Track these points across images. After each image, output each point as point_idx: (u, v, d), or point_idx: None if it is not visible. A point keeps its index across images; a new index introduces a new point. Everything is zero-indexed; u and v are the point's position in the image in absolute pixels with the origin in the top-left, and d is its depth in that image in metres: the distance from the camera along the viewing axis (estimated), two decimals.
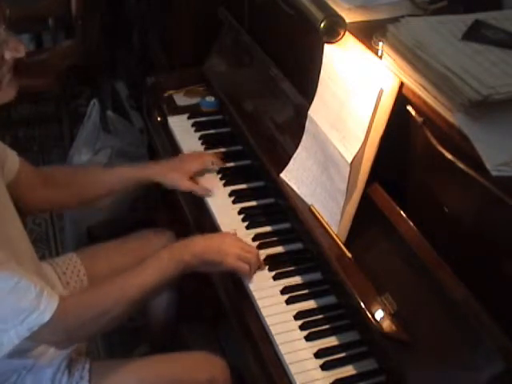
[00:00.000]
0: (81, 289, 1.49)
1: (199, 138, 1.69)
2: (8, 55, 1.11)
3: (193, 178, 1.54)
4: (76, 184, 1.52)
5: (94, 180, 1.54)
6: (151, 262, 1.24)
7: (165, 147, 1.73)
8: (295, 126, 1.39)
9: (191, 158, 1.57)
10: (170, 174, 1.52)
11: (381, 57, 1.12)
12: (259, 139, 1.51)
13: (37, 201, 1.45)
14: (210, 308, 1.90)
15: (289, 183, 1.37)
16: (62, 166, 1.72)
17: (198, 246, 1.27)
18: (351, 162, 1.15)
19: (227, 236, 1.33)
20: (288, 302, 1.24)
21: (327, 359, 1.14)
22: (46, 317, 1.10)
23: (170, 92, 1.85)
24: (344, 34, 1.17)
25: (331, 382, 1.11)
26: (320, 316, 1.22)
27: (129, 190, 1.59)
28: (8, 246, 1.16)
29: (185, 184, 1.52)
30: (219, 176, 1.57)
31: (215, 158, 1.59)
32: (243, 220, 1.44)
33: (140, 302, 1.24)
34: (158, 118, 1.80)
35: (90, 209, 2.15)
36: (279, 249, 1.37)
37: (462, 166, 0.96)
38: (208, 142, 1.67)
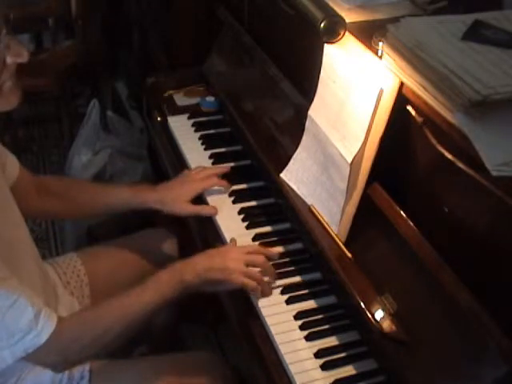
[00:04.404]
0: (81, 289, 1.49)
1: (199, 138, 1.69)
2: (10, 60, 1.07)
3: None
4: (71, 199, 1.48)
5: (90, 198, 1.49)
6: (150, 283, 1.20)
7: (165, 147, 1.73)
8: (295, 126, 1.39)
9: (192, 180, 1.49)
10: (170, 202, 1.45)
11: (381, 57, 1.12)
12: (259, 139, 1.51)
13: (33, 208, 1.42)
14: (210, 308, 1.90)
15: (289, 183, 1.37)
16: (59, 178, 1.69)
17: (200, 265, 1.22)
18: (351, 162, 1.15)
19: (230, 251, 1.28)
20: (288, 302, 1.24)
21: (327, 359, 1.14)
22: (43, 338, 1.08)
23: (170, 92, 1.85)
24: (344, 34, 1.17)
25: (331, 382, 1.11)
26: (320, 316, 1.22)
27: (125, 211, 1.53)
28: (10, 253, 1.15)
29: (184, 209, 1.45)
30: (219, 176, 1.56)
31: (220, 181, 1.51)
32: (243, 220, 1.44)
33: (139, 323, 1.20)
34: (158, 118, 1.80)
35: None
36: (279, 249, 1.36)
37: (461, 165, 0.96)
38: (208, 142, 1.67)
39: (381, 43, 1.11)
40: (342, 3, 1.27)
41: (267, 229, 1.42)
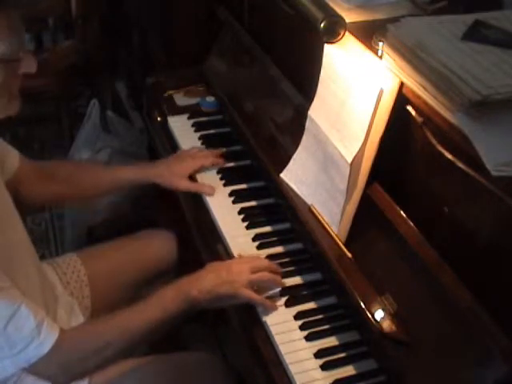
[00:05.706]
0: (81, 289, 1.49)
1: (199, 138, 1.69)
2: (20, 71, 1.12)
3: (192, 176, 1.54)
4: (75, 180, 1.51)
5: (94, 178, 1.53)
6: (154, 299, 1.19)
7: (165, 147, 1.73)
8: (295, 126, 1.39)
9: (190, 157, 1.56)
10: (168, 175, 1.51)
11: (381, 57, 1.12)
12: (259, 139, 1.51)
13: (34, 195, 1.44)
14: (211, 309, 1.90)
15: (289, 183, 1.37)
16: (62, 161, 1.75)
17: (207, 281, 1.20)
18: (351, 162, 1.15)
19: (233, 263, 1.26)
20: (288, 302, 1.24)
21: (327, 359, 1.14)
22: (46, 348, 1.07)
23: (170, 92, 1.85)
24: (344, 34, 1.17)
25: (331, 382, 1.11)
26: (320, 316, 1.22)
27: (127, 190, 1.59)
28: (9, 257, 1.15)
29: (183, 184, 1.51)
30: (219, 176, 1.57)
31: (214, 157, 1.58)
32: (243, 220, 1.43)
33: (142, 339, 1.19)
34: (158, 118, 1.80)
35: (89, 209, 2.15)
36: (279, 249, 1.36)
37: (461, 165, 0.96)
38: (208, 142, 1.67)
39: (381, 43, 1.11)
40: (342, 3, 1.27)
41: (267, 229, 1.42)
